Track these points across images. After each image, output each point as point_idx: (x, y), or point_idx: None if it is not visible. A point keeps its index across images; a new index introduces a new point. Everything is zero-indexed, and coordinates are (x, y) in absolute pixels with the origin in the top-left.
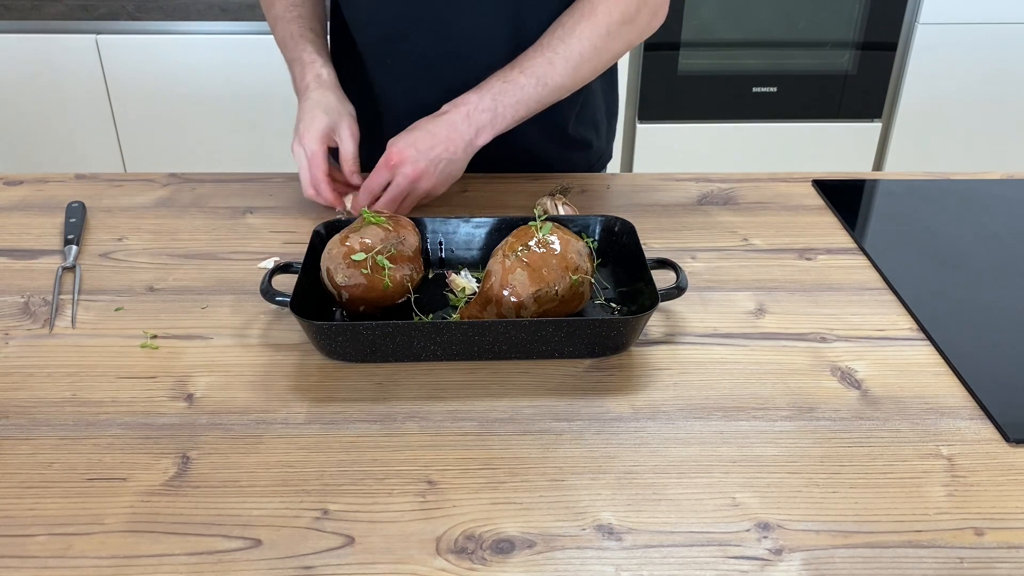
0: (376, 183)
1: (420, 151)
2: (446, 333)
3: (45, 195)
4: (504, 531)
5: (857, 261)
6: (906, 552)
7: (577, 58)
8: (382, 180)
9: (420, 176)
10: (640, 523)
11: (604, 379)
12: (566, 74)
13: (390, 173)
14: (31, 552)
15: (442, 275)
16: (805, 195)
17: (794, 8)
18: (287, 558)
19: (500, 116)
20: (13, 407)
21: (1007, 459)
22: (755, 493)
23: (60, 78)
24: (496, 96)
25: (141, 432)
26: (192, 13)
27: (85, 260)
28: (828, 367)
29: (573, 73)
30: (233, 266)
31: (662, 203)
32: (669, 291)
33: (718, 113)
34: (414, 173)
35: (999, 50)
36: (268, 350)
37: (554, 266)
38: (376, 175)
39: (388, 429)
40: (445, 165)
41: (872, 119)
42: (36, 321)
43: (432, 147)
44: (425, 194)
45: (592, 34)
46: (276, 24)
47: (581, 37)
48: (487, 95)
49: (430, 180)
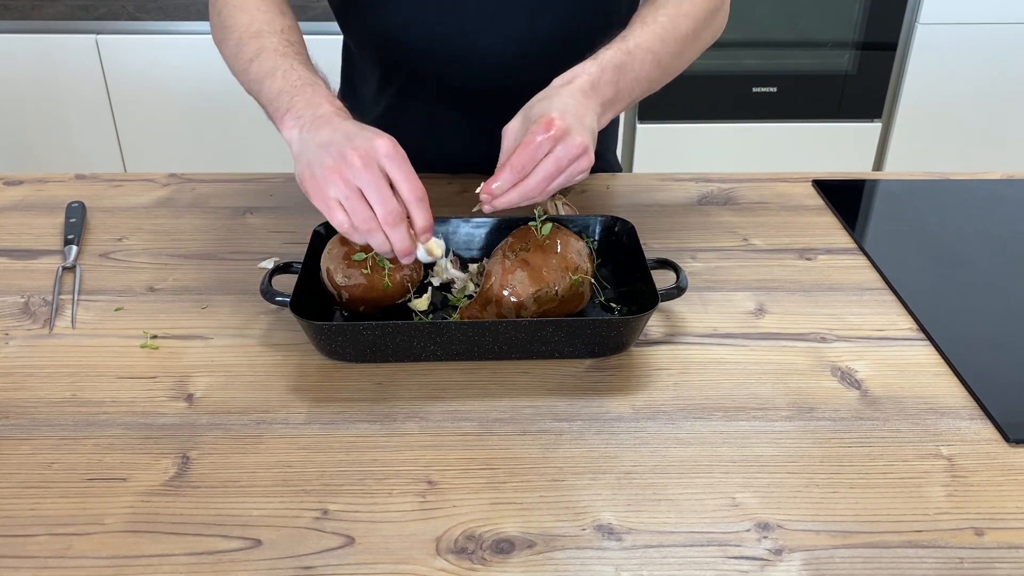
0: (531, 159)
1: (578, 118)
2: (446, 333)
3: (45, 195)
4: (504, 531)
5: (857, 261)
6: (906, 552)
7: (683, 39)
8: (539, 155)
9: (585, 150)
10: (640, 523)
11: (604, 379)
12: (675, 53)
13: (551, 144)
14: (31, 552)
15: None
16: (805, 195)
17: (794, 8)
18: (287, 558)
19: (621, 95)
20: (13, 407)
21: (1007, 459)
22: (755, 493)
23: (60, 78)
24: (618, 70)
25: (141, 432)
26: (192, 13)
27: (85, 260)
28: (828, 367)
29: (680, 54)
30: (233, 266)
31: (662, 203)
32: (669, 291)
33: (718, 113)
34: (581, 143)
35: (999, 50)
36: (268, 350)
37: (554, 266)
38: (531, 149)
39: (388, 429)
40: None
41: (872, 119)
42: (36, 321)
43: (583, 115)
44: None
45: (696, 13)
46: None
47: (687, 16)
48: (608, 68)
49: (590, 157)
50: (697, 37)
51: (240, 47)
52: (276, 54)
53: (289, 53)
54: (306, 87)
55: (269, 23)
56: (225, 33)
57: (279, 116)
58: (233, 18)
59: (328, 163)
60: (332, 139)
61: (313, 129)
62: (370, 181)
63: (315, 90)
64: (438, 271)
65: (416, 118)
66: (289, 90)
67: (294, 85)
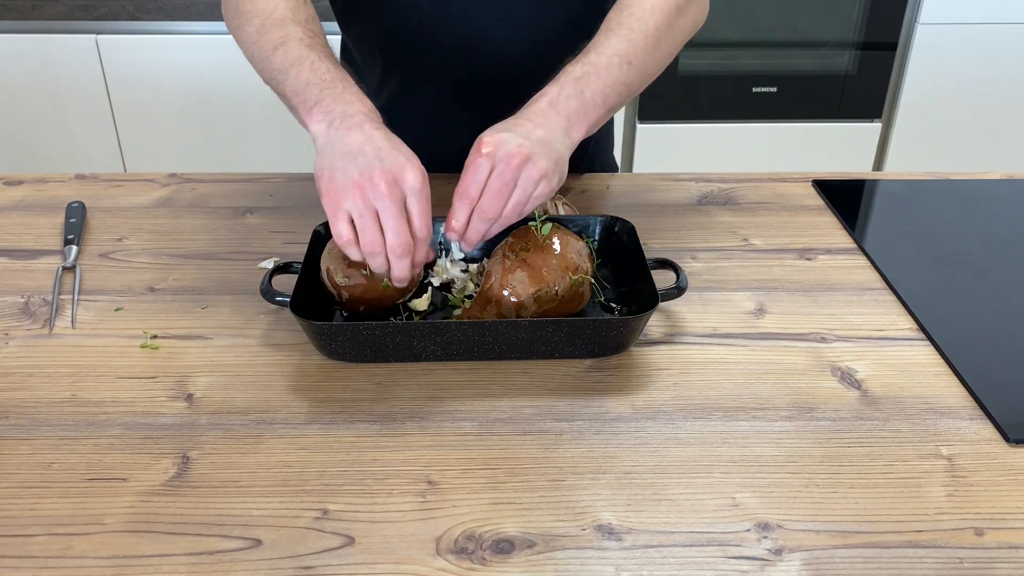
0: (473, 182)
1: (519, 134)
2: (446, 333)
3: (45, 195)
4: (504, 531)
5: (857, 261)
6: (906, 552)
7: (655, 32)
8: (480, 176)
9: (528, 158)
10: (640, 523)
11: (604, 379)
12: (647, 50)
13: (489, 161)
14: (31, 552)
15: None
16: (805, 195)
17: (794, 8)
18: (287, 558)
19: (590, 103)
20: (13, 407)
21: (1007, 459)
22: (755, 493)
23: (60, 78)
24: (579, 82)
25: (141, 432)
26: (192, 13)
27: (85, 260)
28: (828, 367)
29: (654, 49)
30: (233, 266)
31: (662, 203)
32: (669, 291)
33: (718, 113)
34: (520, 153)
35: (999, 50)
36: (268, 350)
37: (554, 266)
38: (470, 173)
39: (388, 429)
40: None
41: (872, 119)
42: (36, 321)
43: (531, 130)
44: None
45: (664, 6)
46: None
47: (654, 10)
48: (568, 82)
49: (540, 164)
50: (671, 27)
51: (262, 34)
52: (302, 44)
53: (315, 45)
54: (336, 82)
55: (293, 11)
56: (243, 19)
57: (306, 108)
58: (252, 3)
59: (353, 175)
60: (362, 150)
61: (344, 129)
62: (389, 209)
63: (345, 86)
64: (438, 271)
65: (416, 113)
66: (318, 83)
67: (323, 78)
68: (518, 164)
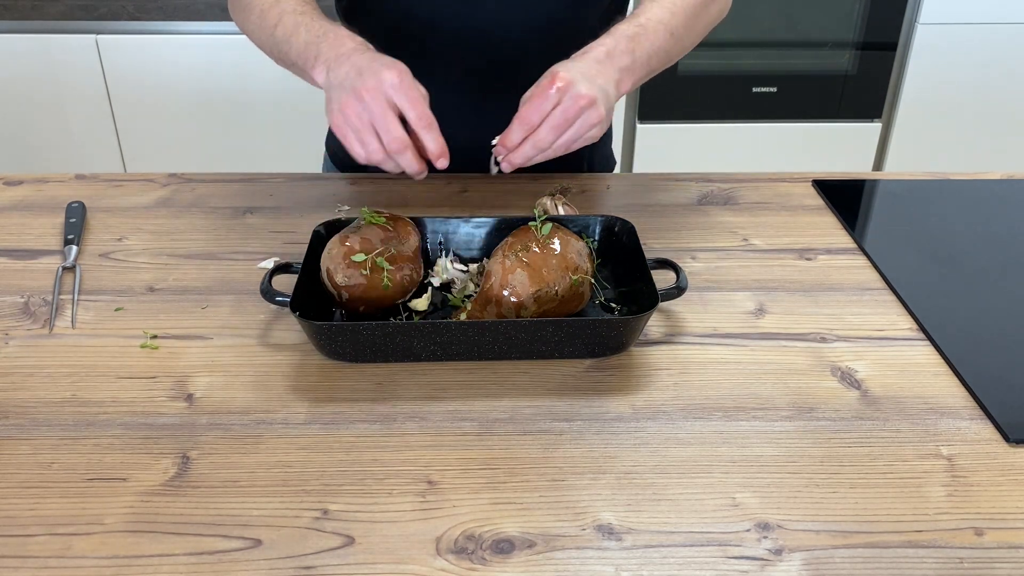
0: (537, 111)
1: (585, 76)
2: (446, 333)
3: (45, 195)
4: (504, 531)
5: (857, 261)
6: (906, 552)
7: (693, 9)
8: (546, 107)
9: (593, 102)
10: (640, 523)
11: (604, 379)
12: (686, 24)
13: (558, 95)
14: (31, 552)
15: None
16: (805, 195)
17: (794, 8)
18: (287, 558)
19: (638, 63)
20: (13, 407)
21: (1007, 459)
22: (755, 493)
23: (60, 78)
24: (632, 40)
25: (141, 432)
26: (192, 13)
27: (85, 260)
28: (828, 367)
29: (691, 24)
30: (233, 266)
31: (662, 203)
32: (669, 291)
33: (718, 113)
34: (588, 96)
35: (999, 50)
36: (268, 350)
37: (554, 266)
38: (536, 101)
39: (388, 429)
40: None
41: (872, 119)
42: (36, 321)
43: (595, 75)
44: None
45: None
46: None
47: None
48: (622, 39)
49: (600, 110)
50: (706, 8)
51: (263, 19)
52: (296, 14)
53: (307, 11)
54: (328, 33)
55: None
56: (246, 13)
57: (309, 67)
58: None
59: (342, 99)
60: (347, 75)
61: (336, 67)
62: (374, 114)
63: (336, 33)
64: (438, 271)
65: None
66: (314, 40)
67: (317, 35)
68: (584, 105)
